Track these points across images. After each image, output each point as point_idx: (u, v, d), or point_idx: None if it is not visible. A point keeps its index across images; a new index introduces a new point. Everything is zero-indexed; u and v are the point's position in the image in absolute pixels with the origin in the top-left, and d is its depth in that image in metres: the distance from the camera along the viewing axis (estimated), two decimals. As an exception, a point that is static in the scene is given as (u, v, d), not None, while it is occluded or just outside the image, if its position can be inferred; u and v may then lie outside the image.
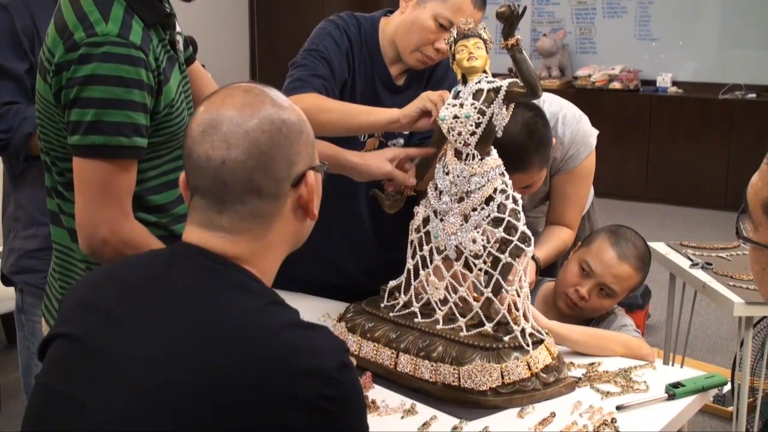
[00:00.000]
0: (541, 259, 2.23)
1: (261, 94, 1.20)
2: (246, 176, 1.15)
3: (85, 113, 1.49)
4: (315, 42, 2.10)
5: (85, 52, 1.48)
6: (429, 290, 1.81)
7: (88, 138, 1.50)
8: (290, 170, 1.18)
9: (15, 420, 3.41)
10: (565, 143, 2.30)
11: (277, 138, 1.17)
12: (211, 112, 1.18)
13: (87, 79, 1.48)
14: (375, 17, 2.20)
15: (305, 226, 1.25)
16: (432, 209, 1.79)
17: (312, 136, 1.23)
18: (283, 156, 1.17)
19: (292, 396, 1.06)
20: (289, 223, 1.21)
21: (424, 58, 2.06)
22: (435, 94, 1.85)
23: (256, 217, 1.18)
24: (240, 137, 1.15)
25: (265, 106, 1.18)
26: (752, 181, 1.04)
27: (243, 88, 1.21)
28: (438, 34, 2.01)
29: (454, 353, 1.69)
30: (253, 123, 1.16)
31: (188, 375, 1.07)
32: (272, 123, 1.17)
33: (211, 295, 1.13)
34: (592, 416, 1.62)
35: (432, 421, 1.61)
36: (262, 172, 1.16)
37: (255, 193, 1.17)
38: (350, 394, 1.12)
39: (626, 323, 2.15)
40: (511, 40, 1.66)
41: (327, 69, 2.06)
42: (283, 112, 1.19)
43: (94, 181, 1.53)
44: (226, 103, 1.18)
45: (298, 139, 1.19)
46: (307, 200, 1.21)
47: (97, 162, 1.51)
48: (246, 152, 1.15)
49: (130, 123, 1.50)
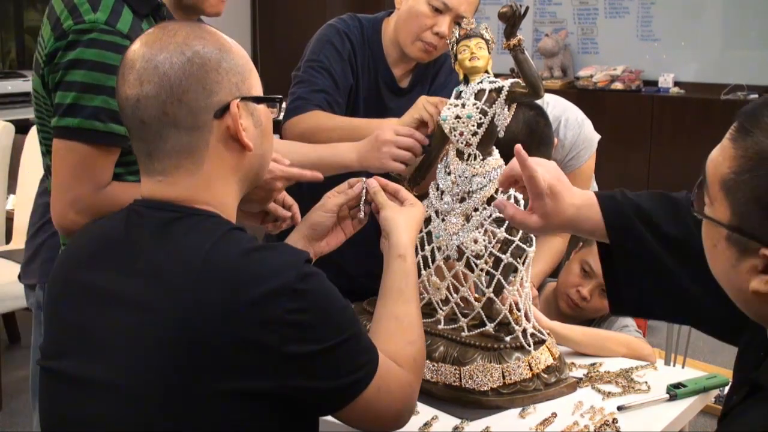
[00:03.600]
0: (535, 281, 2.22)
1: (175, 29, 1.20)
2: (160, 110, 1.16)
3: (65, 96, 1.53)
4: (316, 52, 2.11)
5: (73, 38, 1.53)
6: (430, 290, 1.81)
7: (65, 120, 1.54)
8: (208, 100, 1.17)
9: (16, 418, 3.41)
10: (566, 146, 2.30)
11: (189, 69, 1.16)
12: (128, 53, 1.20)
13: (71, 64, 1.53)
14: (377, 18, 2.20)
15: (247, 158, 1.24)
16: (434, 209, 1.79)
17: (241, 67, 1.21)
18: (198, 86, 1.17)
19: (263, 320, 1.08)
20: (222, 155, 1.20)
21: (425, 46, 2.06)
22: (431, 104, 1.84)
23: (181, 152, 1.18)
24: (150, 72, 1.16)
25: (175, 39, 1.18)
26: (712, 156, 1.04)
27: (160, 26, 1.23)
28: (434, 18, 2.02)
29: (456, 353, 1.69)
30: (161, 57, 1.16)
31: (159, 323, 1.09)
32: (182, 54, 1.17)
33: (165, 245, 1.15)
34: (593, 417, 1.62)
35: (433, 422, 1.61)
36: (177, 103, 1.16)
37: (172, 127, 1.17)
38: (318, 300, 1.13)
39: (627, 324, 2.15)
40: (513, 40, 1.66)
41: (329, 80, 2.06)
42: (196, 43, 1.18)
43: (68, 162, 1.55)
44: (140, 41, 1.20)
45: (216, 69, 1.18)
46: (235, 130, 1.20)
47: (72, 143, 1.54)
48: (157, 87, 1.16)
49: (108, 109, 1.52)
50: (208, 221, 1.17)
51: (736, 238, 0.99)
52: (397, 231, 1.46)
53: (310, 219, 1.60)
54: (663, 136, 6.27)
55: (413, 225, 1.49)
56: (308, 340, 1.11)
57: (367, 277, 2.18)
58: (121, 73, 1.20)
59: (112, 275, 1.17)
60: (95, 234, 1.26)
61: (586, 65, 6.45)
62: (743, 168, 0.98)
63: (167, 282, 1.11)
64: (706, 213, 1.04)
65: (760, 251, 0.97)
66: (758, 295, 0.99)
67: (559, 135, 2.29)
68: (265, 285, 1.09)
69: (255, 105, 1.24)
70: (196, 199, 1.19)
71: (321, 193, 1.65)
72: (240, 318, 1.07)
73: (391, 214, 1.49)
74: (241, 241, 1.14)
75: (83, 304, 1.18)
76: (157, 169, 1.20)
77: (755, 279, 0.99)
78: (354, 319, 1.20)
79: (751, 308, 1.04)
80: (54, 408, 1.20)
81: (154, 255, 1.14)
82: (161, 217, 1.17)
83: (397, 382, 1.24)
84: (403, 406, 1.26)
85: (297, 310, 1.10)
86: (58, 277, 1.27)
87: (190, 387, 1.08)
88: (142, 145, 1.20)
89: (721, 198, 1.00)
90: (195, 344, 1.07)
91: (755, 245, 0.97)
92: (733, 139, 1.01)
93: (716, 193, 1.01)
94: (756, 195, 0.96)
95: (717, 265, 1.05)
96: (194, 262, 1.11)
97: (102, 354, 1.13)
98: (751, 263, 0.99)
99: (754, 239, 0.97)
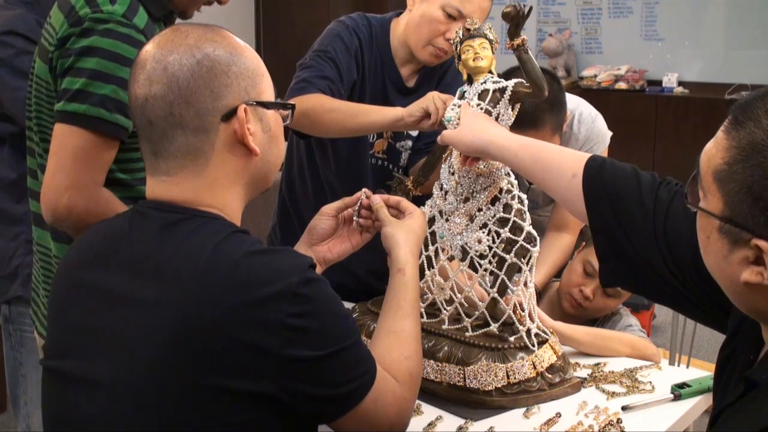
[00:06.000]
0: (543, 281, 2.22)
1: (187, 30, 1.20)
2: (167, 111, 1.16)
3: (74, 82, 1.52)
4: (324, 43, 2.11)
5: (88, 26, 1.52)
6: (434, 290, 1.81)
7: (71, 105, 1.52)
8: (216, 103, 1.17)
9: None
10: (580, 140, 2.30)
11: (198, 71, 1.16)
12: (140, 53, 1.20)
13: (84, 51, 1.51)
14: (386, 18, 2.20)
15: (254, 163, 1.23)
16: (437, 209, 1.79)
17: (251, 71, 1.21)
18: (206, 88, 1.17)
19: (263, 322, 1.08)
20: (227, 159, 1.20)
21: (437, 51, 2.06)
22: (440, 99, 1.84)
23: (186, 153, 1.18)
24: (160, 73, 1.16)
25: (187, 40, 1.18)
26: (706, 148, 1.04)
27: (173, 27, 1.22)
28: (448, 24, 2.02)
29: (460, 353, 1.69)
30: (171, 58, 1.17)
31: (162, 323, 1.09)
32: (192, 56, 1.17)
33: (169, 246, 1.15)
34: (597, 416, 1.62)
35: (437, 422, 1.61)
36: (184, 105, 1.16)
37: (179, 128, 1.17)
38: (320, 306, 1.13)
39: (631, 323, 2.15)
40: (516, 40, 1.66)
41: (334, 71, 2.06)
42: (207, 46, 1.18)
43: (69, 147, 1.53)
44: (152, 42, 1.20)
45: (225, 72, 1.18)
46: (242, 134, 1.19)
47: (75, 129, 1.52)
48: (165, 87, 1.16)
49: (115, 99, 1.51)
50: (212, 223, 1.17)
51: (728, 229, 0.99)
52: (396, 247, 1.46)
53: (310, 224, 1.60)
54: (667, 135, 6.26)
55: (412, 238, 1.49)
56: (307, 345, 1.11)
57: (371, 276, 2.19)
58: (132, 72, 1.20)
59: (115, 275, 1.17)
60: (99, 234, 1.26)
61: (590, 65, 6.45)
62: (736, 159, 0.98)
63: (170, 282, 1.11)
64: (700, 206, 1.04)
65: (752, 241, 0.97)
66: (749, 287, 0.99)
67: (573, 129, 2.29)
68: (267, 288, 1.09)
69: (264, 110, 1.23)
70: (200, 200, 1.20)
71: None
72: (241, 319, 1.08)
73: (391, 231, 1.49)
74: (245, 244, 1.14)
75: (87, 304, 1.19)
76: (162, 169, 1.20)
77: (746, 270, 0.99)
78: (354, 329, 1.20)
79: (743, 300, 1.04)
80: (57, 408, 1.20)
81: (158, 255, 1.14)
82: (165, 217, 1.17)
83: (393, 396, 1.24)
84: (397, 419, 1.25)
85: (298, 314, 1.10)
86: (62, 277, 1.27)
87: (191, 387, 1.08)
88: (148, 145, 1.20)
89: (714, 190, 1.01)
90: (197, 345, 1.08)
91: (747, 236, 0.97)
92: (726, 131, 1.01)
93: (709, 185, 1.02)
94: (748, 185, 0.96)
95: (710, 257, 1.06)
96: (197, 263, 1.11)
97: (105, 354, 1.14)
98: (743, 254, 0.99)
99: (745, 230, 0.97)
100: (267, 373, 1.09)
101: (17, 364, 2.12)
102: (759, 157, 0.96)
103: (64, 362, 1.19)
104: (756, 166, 0.96)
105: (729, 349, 1.22)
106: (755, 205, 0.96)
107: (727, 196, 0.99)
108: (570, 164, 1.45)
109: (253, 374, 1.09)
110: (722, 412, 1.08)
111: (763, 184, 0.95)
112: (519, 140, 1.57)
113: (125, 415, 1.11)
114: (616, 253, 1.38)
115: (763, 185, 0.95)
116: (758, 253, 0.97)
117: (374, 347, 1.31)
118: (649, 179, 1.38)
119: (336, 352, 1.14)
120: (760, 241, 0.96)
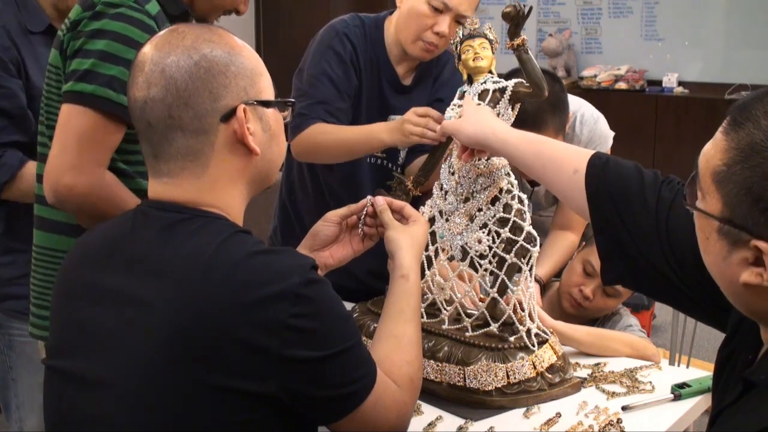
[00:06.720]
0: (548, 274, 2.23)
1: (184, 31, 1.20)
2: (166, 113, 1.16)
3: (83, 63, 1.53)
4: (316, 59, 2.13)
5: (100, 9, 1.54)
6: (434, 290, 1.81)
7: (79, 85, 1.53)
8: (215, 104, 1.17)
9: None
10: (582, 141, 2.29)
11: (196, 72, 1.16)
12: (139, 55, 1.20)
13: (94, 33, 1.53)
14: (380, 17, 2.21)
15: (254, 162, 1.23)
16: (437, 209, 1.79)
17: (250, 71, 1.21)
18: (205, 90, 1.16)
19: (264, 322, 1.08)
20: (228, 159, 1.20)
21: (426, 45, 2.07)
22: (413, 125, 1.89)
23: (186, 155, 1.18)
24: (158, 75, 1.16)
25: (184, 41, 1.18)
26: (705, 149, 1.04)
27: (171, 28, 1.22)
28: (434, 17, 2.03)
29: (460, 353, 1.69)
30: (169, 60, 1.16)
31: (164, 322, 1.09)
32: (189, 57, 1.16)
33: (171, 246, 1.15)
34: (597, 416, 1.62)
35: (437, 422, 1.61)
36: (183, 107, 1.16)
37: (178, 130, 1.17)
38: (321, 307, 1.12)
39: (631, 323, 2.15)
40: (516, 40, 1.66)
41: (329, 87, 2.08)
42: (204, 46, 1.18)
43: (74, 126, 1.54)
44: (150, 43, 1.20)
45: (224, 72, 1.18)
46: (242, 134, 1.19)
47: (81, 108, 1.53)
48: (163, 90, 1.16)
49: (122, 80, 1.51)
50: (214, 223, 1.17)
51: (727, 230, 0.99)
52: (400, 252, 1.46)
53: (313, 229, 1.60)
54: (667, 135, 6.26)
55: (416, 245, 1.49)
56: (308, 346, 1.11)
57: (371, 276, 2.19)
58: (131, 75, 1.20)
59: (118, 275, 1.17)
60: (102, 234, 1.26)
61: (590, 65, 6.44)
62: (734, 160, 0.98)
63: (172, 282, 1.11)
64: (698, 206, 1.04)
65: (751, 243, 0.97)
66: (749, 288, 0.99)
67: (575, 130, 2.29)
68: (269, 288, 1.09)
69: (264, 109, 1.23)
70: (202, 201, 1.20)
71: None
72: (242, 319, 1.08)
73: (394, 235, 1.49)
74: (247, 244, 1.14)
75: (90, 303, 1.19)
76: (163, 171, 1.20)
77: (746, 271, 0.99)
78: (355, 331, 1.20)
79: (743, 301, 1.04)
80: (59, 407, 1.20)
81: (160, 255, 1.14)
82: (167, 217, 1.18)
83: (393, 400, 1.23)
84: (397, 423, 1.25)
85: (299, 314, 1.09)
86: (65, 276, 1.27)
87: (192, 387, 1.08)
88: (149, 147, 1.20)
89: (713, 191, 1.01)
90: (198, 344, 1.08)
91: (746, 237, 0.97)
92: (725, 132, 1.01)
93: (708, 186, 1.02)
94: (747, 186, 0.96)
95: (709, 258, 1.06)
96: (199, 262, 1.11)
97: (107, 353, 1.14)
98: (742, 255, 0.99)
99: (744, 231, 0.97)
100: (267, 374, 1.09)
101: (6, 368, 2.10)
102: (758, 158, 0.96)
103: (65, 361, 1.19)
104: (755, 167, 0.96)
105: (728, 349, 1.22)
106: (755, 206, 0.96)
107: (726, 197, 0.99)
108: (572, 160, 1.45)
109: (253, 374, 1.09)
110: (721, 413, 1.08)
111: (762, 185, 0.95)
112: (521, 134, 1.57)
113: (126, 415, 1.11)
114: (618, 251, 1.38)
115: (763, 186, 0.95)
116: (758, 254, 0.97)
117: (375, 351, 1.31)
118: (652, 177, 1.37)
119: (337, 354, 1.13)
120: (760, 242, 0.96)
